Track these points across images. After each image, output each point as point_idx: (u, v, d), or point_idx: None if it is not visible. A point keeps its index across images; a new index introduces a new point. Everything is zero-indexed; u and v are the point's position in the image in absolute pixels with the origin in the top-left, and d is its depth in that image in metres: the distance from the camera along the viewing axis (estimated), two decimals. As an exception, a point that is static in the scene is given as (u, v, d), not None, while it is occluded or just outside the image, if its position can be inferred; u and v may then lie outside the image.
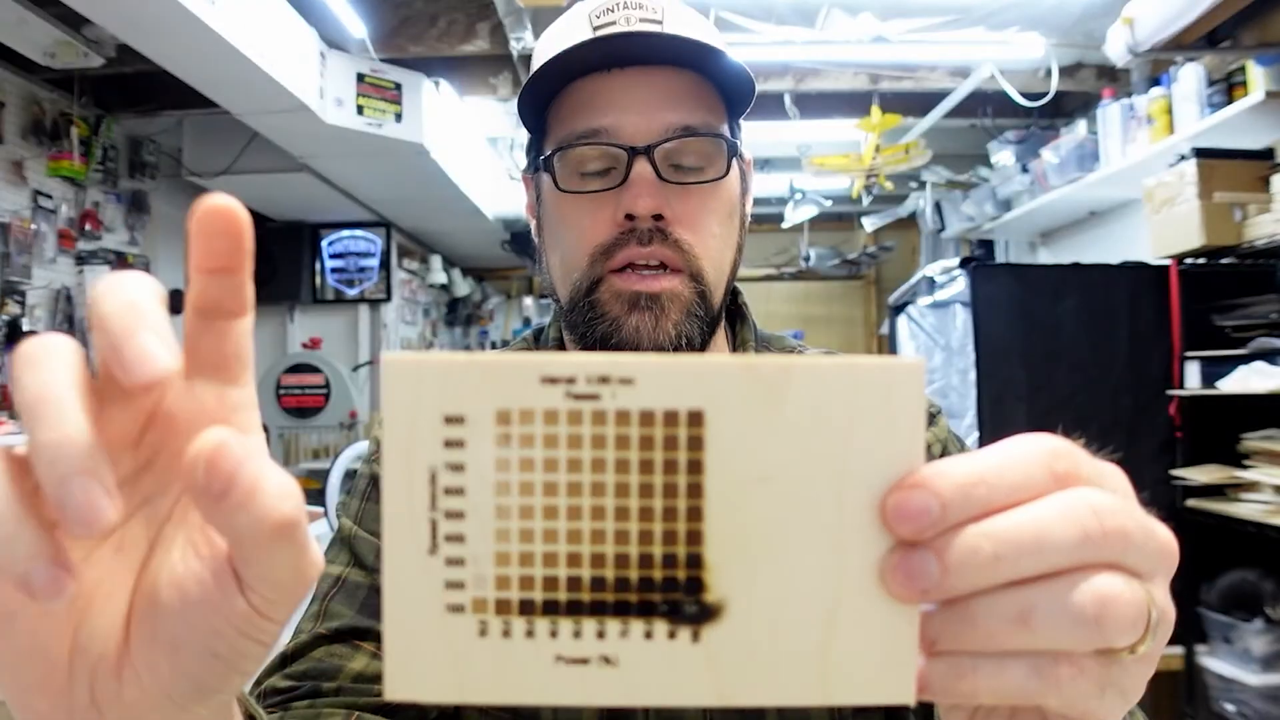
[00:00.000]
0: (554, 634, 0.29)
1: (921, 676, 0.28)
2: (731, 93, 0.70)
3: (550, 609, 0.29)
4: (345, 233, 5.39)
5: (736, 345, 0.76)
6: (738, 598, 0.29)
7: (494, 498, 0.29)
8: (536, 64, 0.69)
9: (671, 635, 0.29)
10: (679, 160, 0.66)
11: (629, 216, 0.64)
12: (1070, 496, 0.28)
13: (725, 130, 0.69)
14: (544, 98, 0.69)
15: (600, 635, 0.29)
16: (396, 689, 0.29)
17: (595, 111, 0.66)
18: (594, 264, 0.66)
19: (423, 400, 0.29)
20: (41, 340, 0.28)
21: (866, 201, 4.91)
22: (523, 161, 5.16)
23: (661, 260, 0.65)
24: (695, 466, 0.29)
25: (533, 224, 0.77)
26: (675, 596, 0.29)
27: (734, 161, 0.69)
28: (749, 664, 0.29)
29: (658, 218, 0.64)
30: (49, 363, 0.28)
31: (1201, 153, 2.57)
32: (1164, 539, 0.30)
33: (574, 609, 0.29)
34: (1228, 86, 2.73)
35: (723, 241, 0.68)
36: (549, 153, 0.68)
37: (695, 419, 0.29)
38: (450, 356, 0.29)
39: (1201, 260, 2.65)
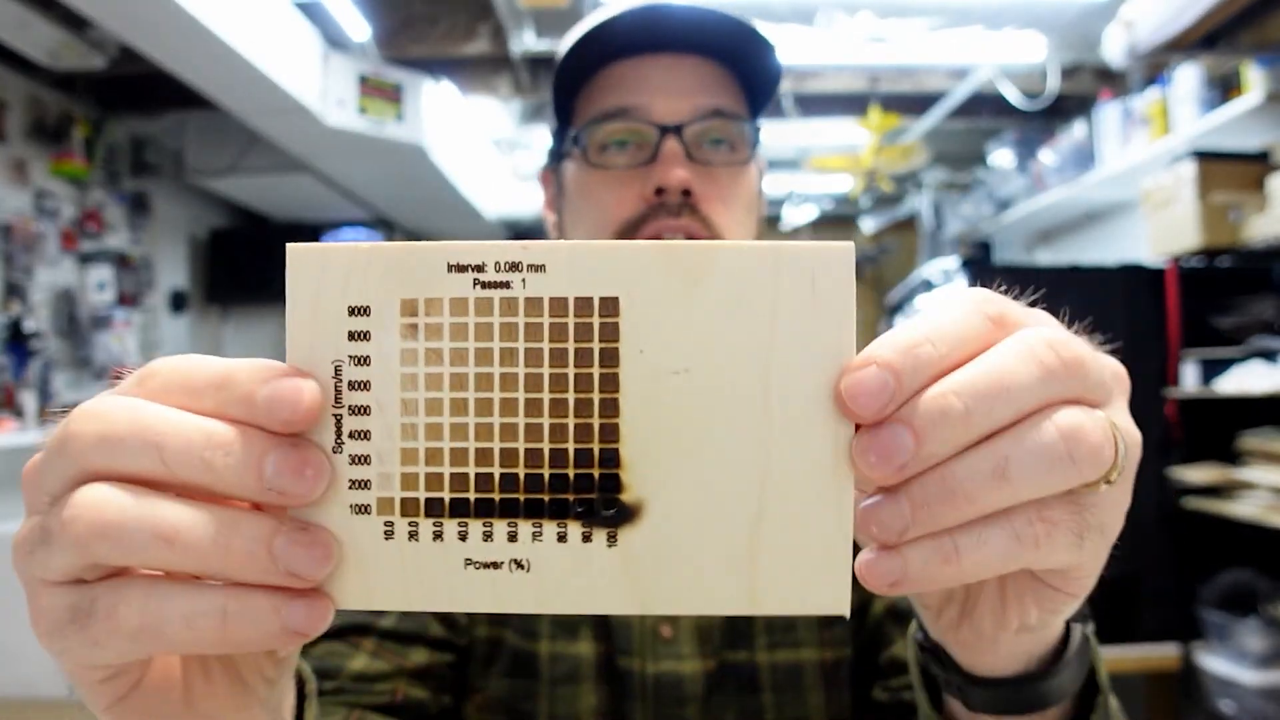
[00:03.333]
0: (463, 536, 0.27)
1: (888, 571, 0.27)
2: (754, 89, 0.70)
3: (459, 510, 0.27)
4: (347, 232, 5.40)
5: None
6: (656, 498, 0.27)
7: (400, 392, 0.27)
8: (564, 52, 0.69)
9: (586, 538, 0.27)
10: (707, 143, 0.67)
11: (659, 191, 0.64)
12: (1020, 337, 0.27)
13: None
14: (573, 85, 0.70)
15: (512, 538, 0.27)
16: None
17: (626, 91, 0.67)
18: (620, 238, 0.65)
19: (326, 290, 0.27)
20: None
21: (866, 203, 4.92)
22: (525, 162, 5.12)
23: (690, 235, 0.65)
24: (610, 357, 0.27)
25: (550, 220, 0.76)
26: (590, 496, 0.27)
27: (755, 152, 0.70)
28: (669, 570, 0.27)
29: (686, 193, 0.64)
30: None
31: (1199, 154, 2.58)
32: (1113, 364, 0.30)
33: (484, 509, 0.27)
34: (1225, 88, 2.74)
35: (746, 229, 0.69)
36: (577, 131, 0.68)
37: (609, 306, 0.27)
38: (356, 244, 0.28)
39: (1198, 261, 2.67)
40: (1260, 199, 2.47)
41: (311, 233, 5.35)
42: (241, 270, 5.12)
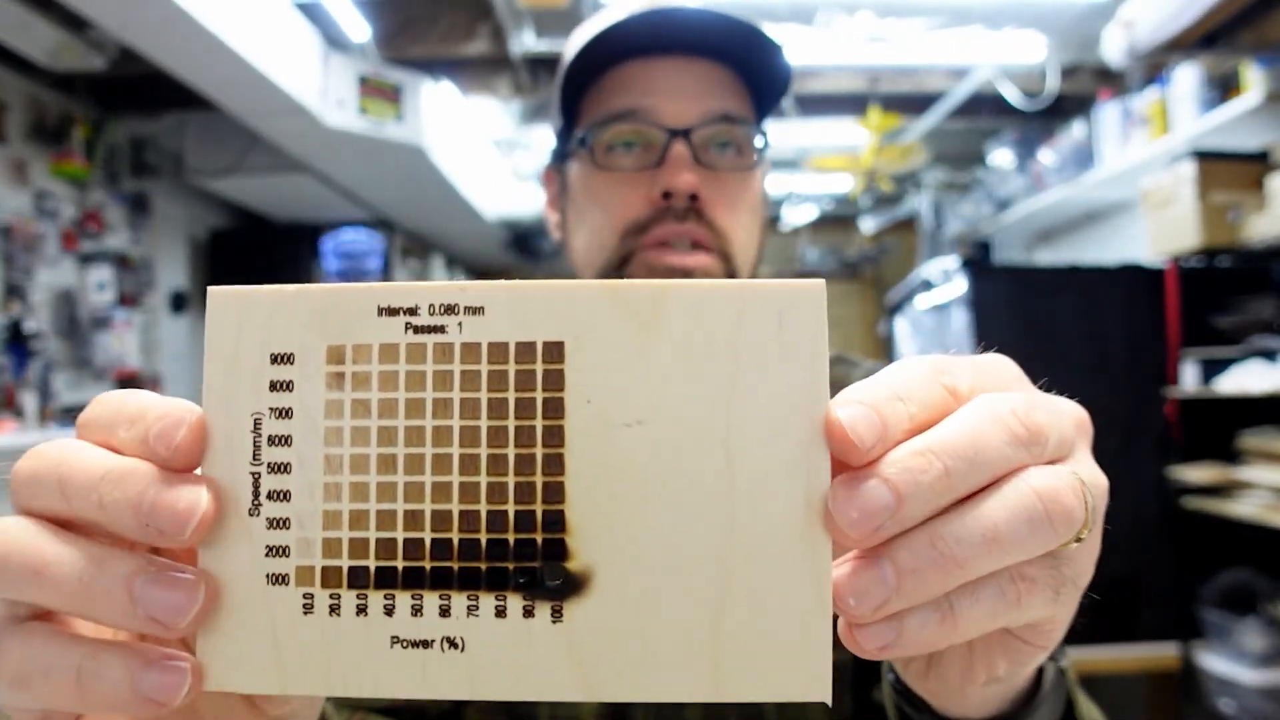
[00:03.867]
0: (389, 610, 0.25)
1: (880, 634, 0.25)
2: (762, 92, 0.70)
3: (385, 580, 0.25)
4: (347, 233, 5.40)
5: None
6: (607, 567, 0.24)
7: (324, 447, 0.25)
8: (571, 53, 0.69)
9: (528, 613, 0.24)
10: (714, 147, 0.67)
11: (666, 195, 0.64)
12: (986, 402, 0.26)
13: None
14: (580, 84, 0.69)
15: (444, 612, 0.24)
16: (212, 678, 0.25)
17: (634, 93, 0.66)
18: (625, 241, 0.65)
19: (247, 336, 0.25)
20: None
21: (865, 203, 4.92)
22: (525, 162, 5.10)
23: (696, 239, 0.64)
24: (554, 408, 0.25)
25: (553, 219, 0.76)
26: (532, 565, 0.24)
27: (763, 156, 0.69)
28: (620, 650, 0.24)
29: (693, 198, 0.64)
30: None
31: (1198, 154, 2.58)
32: (1072, 413, 0.29)
33: (412, 580, 0.25)
34: (1224, 87, 2.74)
35: (750, 234, 0.68)
36: (584, 131, 0.68)
37: (554, 352, 0.25)
38: (281, 287, 0.25)
39: (1198, 260, 2.67)
40: (1260, 199, 2.47)
41: (312, 233, 5.35)
42: (242, 271, 5.12)
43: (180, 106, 3.79)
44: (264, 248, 5.23)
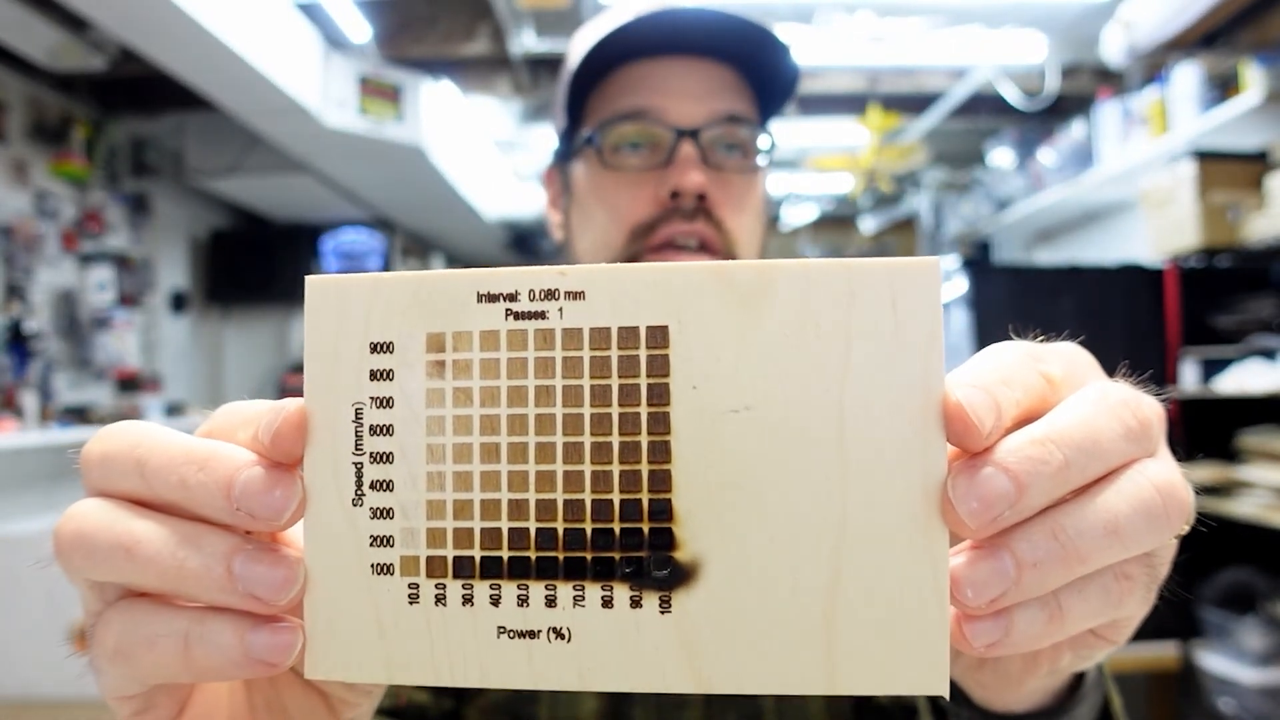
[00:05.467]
0: (495, 601, 0.24)
1: (988, 632, 0.24)
2: (769, 93, 0.70)
3: (490, 570, 0.24)
4: (347, 233, 5.40)
5: None
6: (716, 556, 0.24)
7: (426, 437, 0.25)
8: (576, 53, 0.68)
9: (635, 603, 0.24)
10: (721, 148, 0.67)
11: (674, 195, 0.64)
12: (1095, 394, 0.25)
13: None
14: (586, 84, 0.69)
15: (550, 603, 0.24)
16: (316, 667, 0.25)
17: (642, 93, 0.66)
18: (633, 241, 0.65)
19: (348, 326, 0.25)
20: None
21: (865, 203, 4.92)
22: (525, 162, 5.09)
23: (703, 240, 0.64)
24: (659, 394, 0.24)
25: (554, 219, 0.76)
26: (639, 554, 0.24)
27: (769, 157, 0.69)
28: (732, 641, 0.24)
29: (701, 198, 0.64)
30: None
31: (1198, 153, 2.58)
32: (1158, 408, 0.28)
33: (518, 569, 0.24)
34: (1224, 87, 2.74)
35: (754, 236, 0.68)
36: (591, 131, 0.67)
37: (658, 336, 0.24)
38: (379, 274, 0.25)
39: (1197, 260, 2.67)
40: (1259, 198, 2.47)
41: (312, 233, 5.35)
42: (242, 271, 5.12)
43: (180, 106, 3.79)
44: (264, 248, 5.23)
